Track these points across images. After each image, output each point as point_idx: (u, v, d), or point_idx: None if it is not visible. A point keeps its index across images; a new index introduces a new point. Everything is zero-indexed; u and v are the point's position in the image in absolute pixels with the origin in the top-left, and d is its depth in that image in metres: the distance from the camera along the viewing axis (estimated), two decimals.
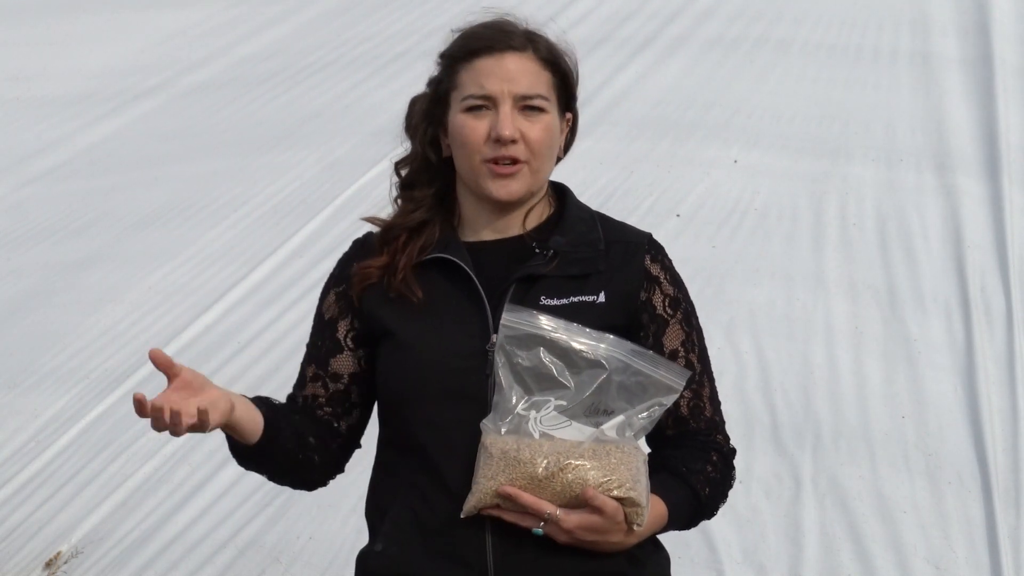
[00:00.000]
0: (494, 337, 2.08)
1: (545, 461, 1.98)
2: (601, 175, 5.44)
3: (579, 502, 1.99)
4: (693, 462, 2.17)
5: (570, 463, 1.98)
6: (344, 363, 2.23)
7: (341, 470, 2.30)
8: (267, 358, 4.87)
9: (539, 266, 2.14)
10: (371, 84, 6.45)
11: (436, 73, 2.23)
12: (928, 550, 3.82)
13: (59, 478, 4.57)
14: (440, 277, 2.17)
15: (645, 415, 2.04)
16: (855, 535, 3.89)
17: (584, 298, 2.13)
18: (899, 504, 3.95)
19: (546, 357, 2.03)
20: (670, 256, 2.26)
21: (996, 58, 5.80)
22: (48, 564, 4.26)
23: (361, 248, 2.26)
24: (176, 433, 1.98)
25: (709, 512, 2.21)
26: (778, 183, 5.32)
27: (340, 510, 4.13)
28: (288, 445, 2.17)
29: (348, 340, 2.22)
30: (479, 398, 2.08)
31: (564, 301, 2.12)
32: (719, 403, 2.25)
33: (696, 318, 2.24)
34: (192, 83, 7.00)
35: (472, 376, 2.09)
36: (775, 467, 4.09)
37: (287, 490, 4.24)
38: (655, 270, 2.20)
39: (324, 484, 2.31)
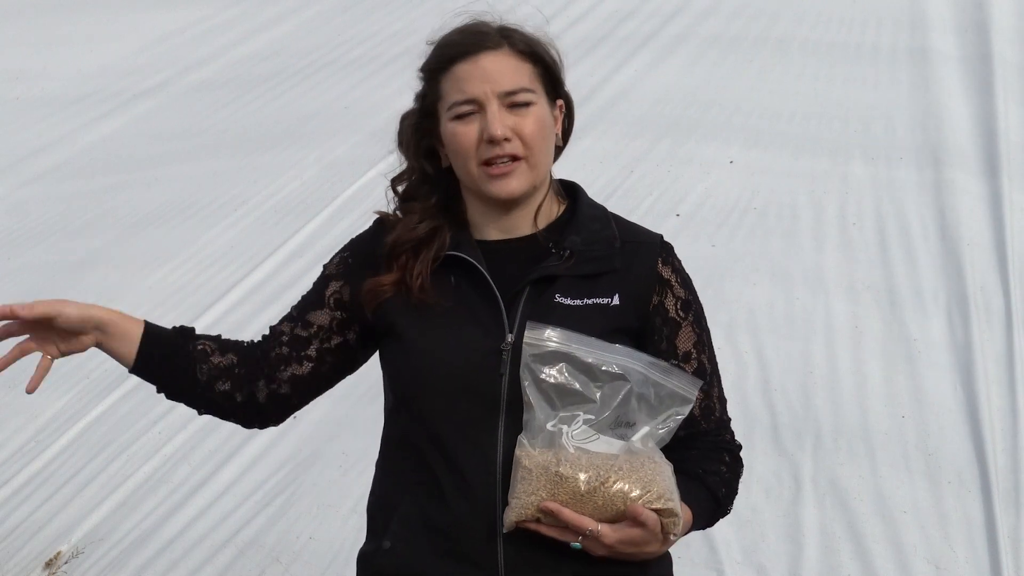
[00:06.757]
0: (509, 336, 2.10)
1: (586, 476, 2.00)
2: (601, 174, 5.44)
3: (619, 515, 2.01)
4: (708, 463, 2.19)
5: (610, 477, 2.00)
6: (319, 318, 2.25)
7: (270, 420, 2.32)
8: None
9: (555, 266, 2.14)
10: (371, 84, 6.45)
11: (420, 87, 2.24)
12: (928, 550, 3.82)
13: (59, 478, 4.57)
14: (454, 277, 2.17)
15: (663, 426, 2.06)
16: (855, 535, 3.89)
17: (598, 300, 2.14)
18: (899, 504, 3.95)
19: (570, 373, 2.04)
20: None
21: (995, 55, 5.80)
22: (48, 564, 4.26)
23: (375, 234, 2.26)
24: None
25: (725, 511, 2.24)
26: (777, 182, 5.32)
27: (340, 510, 4.13)
28: (181, 364, 2.23)
29: (331, 301, 2.25)
30: (493, 397, 2.09)
31: (579, 302, 2.13)
32: (726, 401, 2.27)
33: (705, 319, 2.26)
34: (192, 83, 7.00)
35: (486, 375, 2.09)
36: (775, 467, 4.09)
37: (287, 490, 4.27)
38: (666, 273, 2.20)
39: (244, 423, 2.33)
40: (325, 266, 2.30)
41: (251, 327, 5.06)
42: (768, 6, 6.48)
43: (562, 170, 2.31)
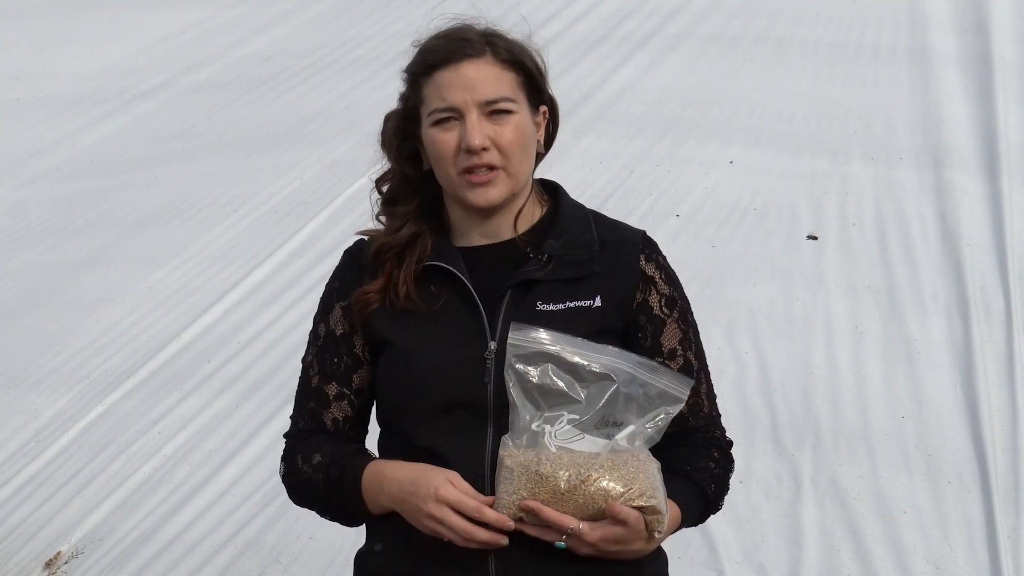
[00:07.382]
0: (492, 344, 2.09)
1: (566, 474, 1.99)
2: (600, 175, 5.44)
3: (601, 513, 2.00)
4: (696, 460, 2.18)
5: (591, 475, 1.99)
6: (365, 377, 2.23)
7: None
8: (267, 358, 4.87)
9: (534, 271, 2.13)
10: (371, 85, 6.45)
11: (404, 89, 2.22)
12: (928, 550, 3.82)
13: (59, 478, 4.57)
14: (436, 285, 2.17)
15: (652, 425, 2.05)
16: (855, 535, 3.89)
17: (580, 303, 2.13)
18: (899, 504, 3.95)
19: (555, 373, 2.03)
20: (667, 254, 2.25)
21: (995, 56, 5.81)
22: (48, 564, 4.26)
23: (355, 258, 2.26)
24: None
25: (715, 507, 2.23)
26: (777, 182, 5.32)
27: None
28: None
29: (366, 354, 2.22)
30: (478, 404, 2.09)
31: (560, 306, 2.12)
32: (715, 396, 2.26)
33: (691, 314, 2.24)
34: (192, 83, 7.01)
35: (470, 383, 2.09)
36: (775, 467, 4.09)
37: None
38: (650, 270, 2.19)
39: None
40: (333, 326, 2.25)
41: (251, 327, 5.06)
42: (768, 6, 6.49)
43: (562, 170, 2.31)
